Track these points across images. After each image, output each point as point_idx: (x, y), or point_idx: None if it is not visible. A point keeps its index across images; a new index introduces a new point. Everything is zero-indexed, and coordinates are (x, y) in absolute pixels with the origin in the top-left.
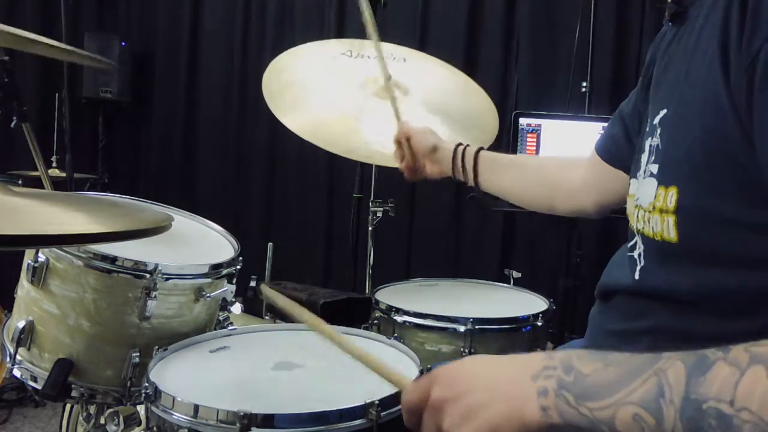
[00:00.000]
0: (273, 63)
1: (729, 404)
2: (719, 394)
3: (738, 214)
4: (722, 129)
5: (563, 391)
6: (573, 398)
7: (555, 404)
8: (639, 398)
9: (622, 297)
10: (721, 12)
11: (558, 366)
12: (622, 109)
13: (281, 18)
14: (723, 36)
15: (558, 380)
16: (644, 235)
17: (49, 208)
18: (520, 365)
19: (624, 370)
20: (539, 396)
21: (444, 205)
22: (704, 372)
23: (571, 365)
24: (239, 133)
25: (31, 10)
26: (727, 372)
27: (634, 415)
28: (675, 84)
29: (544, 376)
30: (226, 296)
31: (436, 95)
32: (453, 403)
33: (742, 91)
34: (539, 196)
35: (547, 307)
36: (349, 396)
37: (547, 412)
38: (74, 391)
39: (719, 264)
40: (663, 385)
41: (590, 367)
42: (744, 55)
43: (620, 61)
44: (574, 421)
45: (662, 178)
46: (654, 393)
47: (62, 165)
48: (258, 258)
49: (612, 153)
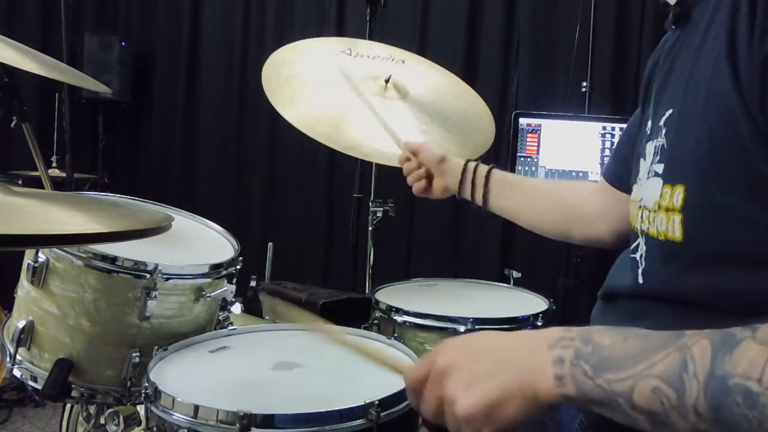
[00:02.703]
0: (272, 56)
1: (757, 382)
2: (747, 371)
3: (745, 213)
4: (730, 127)
5: (580, 362)
6: (590, 369)
7: (571, 374)
8: (661, 371)
9: (624, 299)
10: (727, 11)
11: (576, 337)
12: (629, 131)
13: (281, 18)
14: (730, 35)
15: (575, 350)
16: (648, 235)
17: (49, 208)
18: (536, 336)
19: (646, 344)
20: (554, 365)
21: (444, 205)
22: (731, 349)
23: (590, 337)
24: (239, 133)
25: (31, 10)
26: (756, 350)
27: (654, 388)
28: (680, 84)
29: (560, 346)
30: (226, 296)
31: (434, 98)
32: (458, 370)
33: (754, 89)
34: (552, 220)
35: (547, 307)
36: (349, 396)
37: (562, 382)
38: (74, 391)
39: (724, 263)
40: (687, 360)
41: (610, 339)
42: (756, 53)
43: (620, 61)
44: (589, 393)
45: (668, 177)
46: (677, 367)
47: (62, 165)
48: (258, 258)
49: (621, 176)
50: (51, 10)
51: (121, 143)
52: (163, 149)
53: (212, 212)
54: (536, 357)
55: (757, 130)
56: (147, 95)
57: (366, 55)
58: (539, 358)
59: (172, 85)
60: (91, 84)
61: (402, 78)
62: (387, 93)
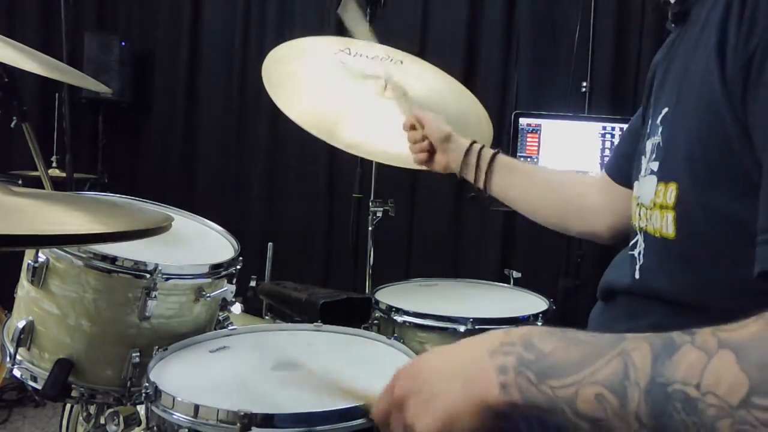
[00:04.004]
0: (272, 53)
1: (695, 388)
2: (686, 377)
3: (734, 211)
4: (719, 125)
5: (523, 369)
6: (534, 376)
7: (515, 382)
8: (603, 378)
9: (622, 296)
10: (720, 9)
11: (516, 342)
12: (631, 127)
13: (281, 18)
14: (721, 33)
15: (518, 357)
16: (646, 232)
17: (49, 208)
18: (477, 344)
19: (587, 350)
20: (498, 373)
21: (444, 205)
22: (671, 355)
23: (532, 343)
24: (239, 133)
25: (31, 10)
26: (694, 356)
27: (597, 395)
28: (676, 82)
29: (502, 353)
30: (226, 296)
31: (432, 100)
32: (414, 396)
33: (738, 87)
34: (550, 210)
35: (547, 307)
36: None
37: (507, 390)
38: (74, 391)
39: (716, 261)
40: (628, 366)
41: (552, 345)
42: (740, 53)
43: (620, 61)
44: (534, 400)
45: (662, 175)
46: (619, 374)
47: (62, 165)
48: (258, 258)
49: (624, 172)
50: (51, 10)
51: (121, 143)
52: (163, 149)
53: (212, 212)
54: (480, 367)
55: (742, 128)
56: (147, 95)
57: (365, 55)
58: (481, 367)
59: (172, 85)
60: (91, 84)
61: (400, 79)
62: (386, 93)
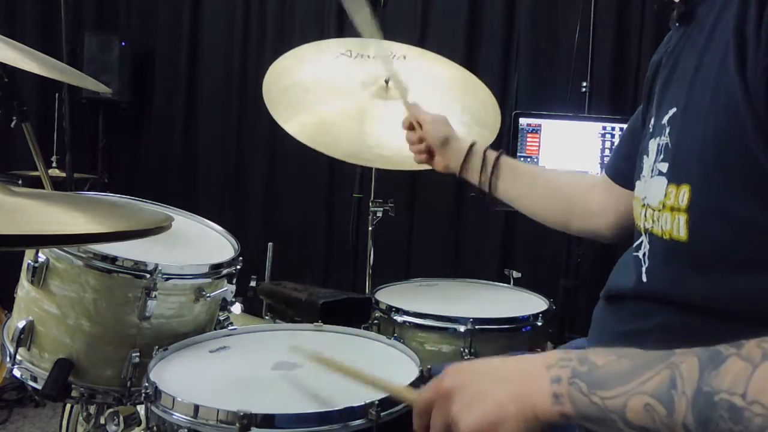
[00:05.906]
0: (273, 66)
1: (741, 397)
2: (732, 387)
3: (750, 214)
4: (736, 127)
5: (576, 380)
6: (586, 386)
7: (568, 392)
8: (651, 389)
9: (628, 298)
10: (734, 11)
11: (573, 358)
12: (630, 128)
13: (281, 18)
14: (738, 35)
15: (572, 369)
16: (652, 234)
17: (49, 208)
18: (536, 357)
19: (637, 362)
20: (552, 383)
21: (444, 205)
22: (717, 366)
23: (587, 357)
24: (239, 132)
25: (31, 10)
26: (740, 366)
27: (645, 404)
28: (684, 82)
29: (559, 366)
30: (226, 296)
31: (437, 93)
32: (462, 390)
33: (761, 88)
34: (552, 210)
35: (547, 307)
36: (349, 396)
37: (559, 399)
38: (74, 391)
39: (728, 265)
40: (676, 377)
41: (604, 359)
42: (763, 55)
43: (620, 61)
44: (585, 410)
45: (673, 176)
46: (666, 384)
47: (62, 165)
48: (258, 258)
49: (624, 173)
50: (51, 10)
51: (121, 143)
52: (163, 149)
53: (212, 212)
54: (534, 376)
55: (762, 130)
56: (147, 95)
57: (366, 55)
58: (537, 377)
59: (172, 85)
60: (91, 84)
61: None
62: (388, 93)
